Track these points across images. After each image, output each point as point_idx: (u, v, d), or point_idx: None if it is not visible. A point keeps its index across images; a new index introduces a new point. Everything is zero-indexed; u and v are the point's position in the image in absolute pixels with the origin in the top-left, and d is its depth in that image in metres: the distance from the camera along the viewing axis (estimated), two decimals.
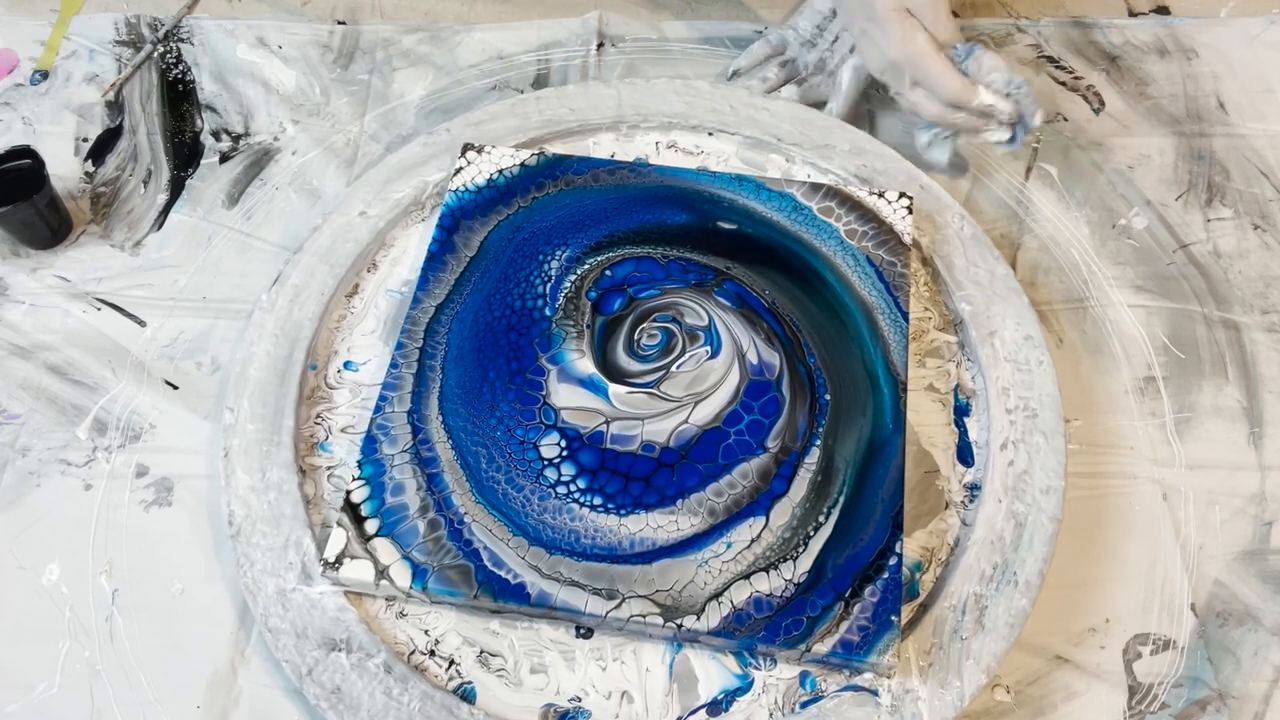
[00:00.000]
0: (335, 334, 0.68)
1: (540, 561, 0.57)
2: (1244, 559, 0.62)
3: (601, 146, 0.77)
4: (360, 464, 0.60)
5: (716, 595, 0.56)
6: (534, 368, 0.64)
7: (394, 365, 0.64)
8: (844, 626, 0.55)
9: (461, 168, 0.73)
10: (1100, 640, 0.59)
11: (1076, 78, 0.84)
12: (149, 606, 0.59)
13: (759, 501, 0.59)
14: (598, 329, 0.66)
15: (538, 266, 0.68)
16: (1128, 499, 0.64)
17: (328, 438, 0.64)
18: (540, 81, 0.83)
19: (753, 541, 0.58)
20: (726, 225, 0.70)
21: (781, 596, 0.56)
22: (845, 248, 0.69)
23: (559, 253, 0.69)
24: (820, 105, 0.78)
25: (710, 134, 0.77)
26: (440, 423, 0.62)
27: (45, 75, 0.82)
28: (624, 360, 0.64)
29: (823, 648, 0.54)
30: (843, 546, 0.57)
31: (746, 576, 0.56)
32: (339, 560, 0.57)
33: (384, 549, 0.57)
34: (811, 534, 0.58)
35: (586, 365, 0.64)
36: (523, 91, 0.82)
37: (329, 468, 0.63)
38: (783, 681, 0.56)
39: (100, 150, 0.78)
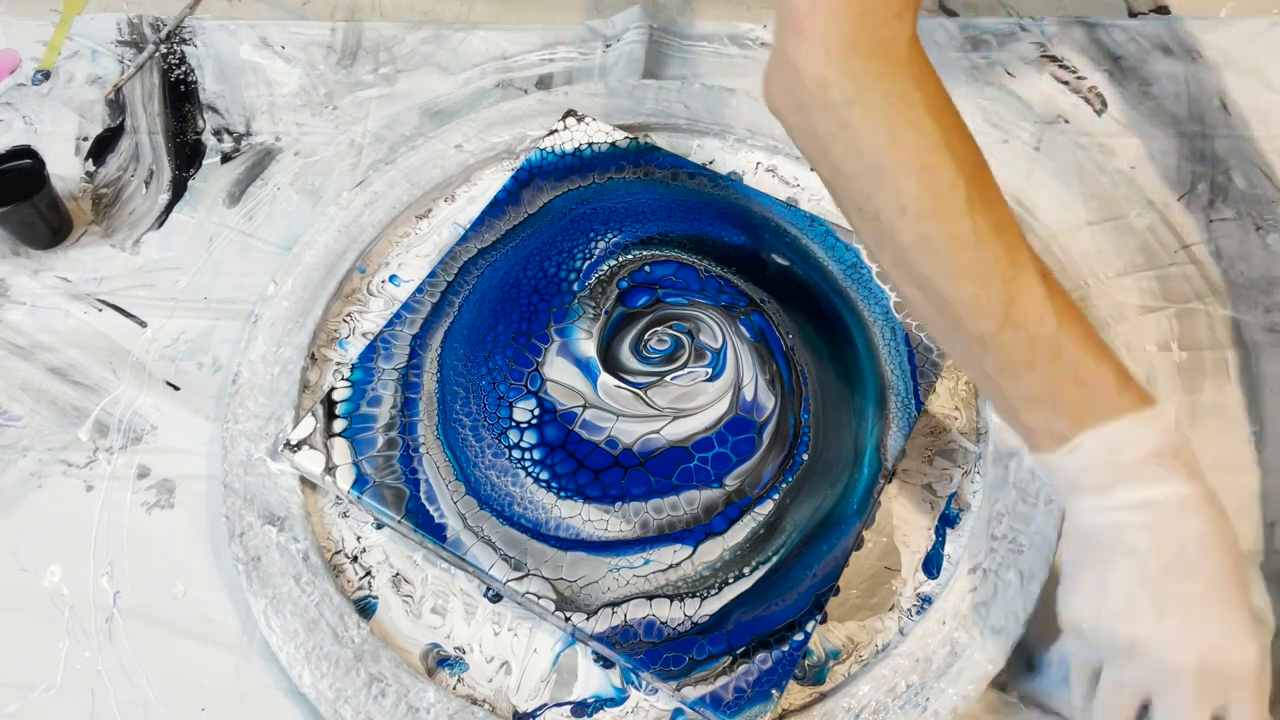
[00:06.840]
0: (393, 247, 0.72)
1: (469, 511, 0.58)
2: (1244, 559, 0.62)
3: (705, 151, 0.77)
4: (353, 367, 0.63)
5: (614, 604, 0.56)
6: (540, 334, 0.65)
7: (419, 290, 0.67)
8: (722, 681, 0.53)
9: (557, 130, 0.74)
10: None
11: (1079, 78, 0.84)
12: (150, 608, 0.59)
13: (693, 532, 0.58)
14: (614, 318, 0.66)
15: (585, 242, 0.69)
16: None
17: (349, 336, 0.67)
18: (544, 82, 0.83)
19: (670, 567, 0.57)
20: (780, 260, 0.69)
21: (675, 629, 0.55)
22: (888, 319, 0.66)
23: (610, 235, 0.69)
24: None
25: (813, 169, 0.75)
26: (437, 355, 0.64)
27: (47, 75, 0.82)
28: (626, 355, 0.64)
29: (693, 692, 0.53)
30: (755, 605, 0.56)
31: (650, 598, 0.56)
32: (299, 445, 0.60)
33: (340, 449, 0.60)
34: (730, 581, 0.56)
35: (589, 348, 0.64)
36: (527, 91, 0.82)
37: (338, 363, 0.66)
38: (655, 710, 0.55)
39: (101, 150, 0.78)
